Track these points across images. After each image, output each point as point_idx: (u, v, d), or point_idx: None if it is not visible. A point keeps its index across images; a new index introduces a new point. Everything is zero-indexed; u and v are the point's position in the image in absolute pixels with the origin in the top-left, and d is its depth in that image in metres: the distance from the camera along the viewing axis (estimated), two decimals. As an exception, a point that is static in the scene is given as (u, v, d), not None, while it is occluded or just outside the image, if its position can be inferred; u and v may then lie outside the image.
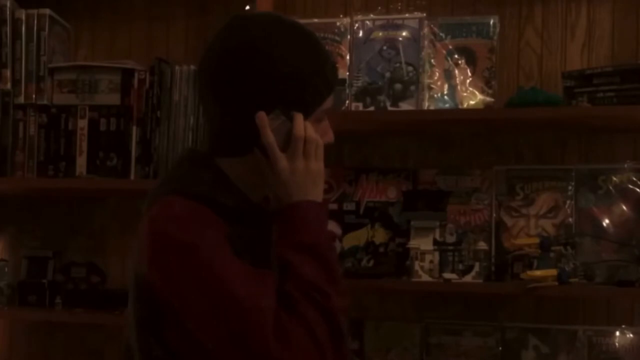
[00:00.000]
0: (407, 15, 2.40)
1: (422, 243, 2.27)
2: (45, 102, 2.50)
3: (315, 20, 2.42)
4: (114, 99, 2.47)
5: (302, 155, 1.43)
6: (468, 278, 2.23)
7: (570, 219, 2.29)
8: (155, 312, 1.36)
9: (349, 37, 2.38)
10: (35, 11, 2.51)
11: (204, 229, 1.36)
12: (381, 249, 2.37)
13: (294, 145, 1.42)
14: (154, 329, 1.38)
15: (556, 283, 2.13)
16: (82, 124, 2.48)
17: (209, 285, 1.32)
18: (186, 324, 1.34)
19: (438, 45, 2.34)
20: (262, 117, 1.40)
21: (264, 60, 1.41)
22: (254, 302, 1.31)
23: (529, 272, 2.15)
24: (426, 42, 2.35)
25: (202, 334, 1.33)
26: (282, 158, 1.42)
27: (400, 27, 2.37)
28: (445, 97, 2.33)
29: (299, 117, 1.43)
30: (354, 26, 2.39)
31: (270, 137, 1.40)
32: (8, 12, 2.50)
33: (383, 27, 2.38)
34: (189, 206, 1.39)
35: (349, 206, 2.42)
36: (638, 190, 2.26)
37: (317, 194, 1.44)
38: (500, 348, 2.32)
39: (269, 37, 1.43)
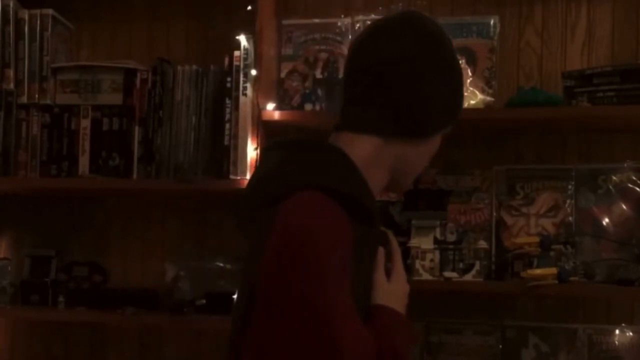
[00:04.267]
0: (407, 15, 2.40)
1: (422, 242, 2.28)
2: (48, 101, 2.50)
3: (316, 20, 2.42)
4: (117, 98, 2.47)
5: (405, 280, 1.53)
6: (468, 277, 2.24)
7: (570, 218, 2.29)
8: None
9: (350, 37, 2.38)
10: (38, 11, 2.51)
11: (335, 247, 1.29)
12: (382, 248, 2.37)
13: (397, 272, 1.52)
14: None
15: (556, 282, 2.14)
16: (85, 123, 2.48)
17: (311, 317, 1.24)
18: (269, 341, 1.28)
19: (439, 45, 2.34)
20: (382, 252, 1.48)
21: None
22: (352, 346, 1.26)
23: (529, 271, 2.16)
24: (427, 42, 2.35)
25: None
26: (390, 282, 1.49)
27: (401, 28, 2.37)
28: (446, 97, 2.33)
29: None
30: (354, 26, 2.39)
31: (383, 276, 1.47)
32: (11, 12, 2.50)
33: (384, 28, 2.38)
34: (330, 210, 1.32)
35: (350, 205, 2.42)
36: (638, 190, 2.26)
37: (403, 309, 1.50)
38: (500, 347, 2.33)
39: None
